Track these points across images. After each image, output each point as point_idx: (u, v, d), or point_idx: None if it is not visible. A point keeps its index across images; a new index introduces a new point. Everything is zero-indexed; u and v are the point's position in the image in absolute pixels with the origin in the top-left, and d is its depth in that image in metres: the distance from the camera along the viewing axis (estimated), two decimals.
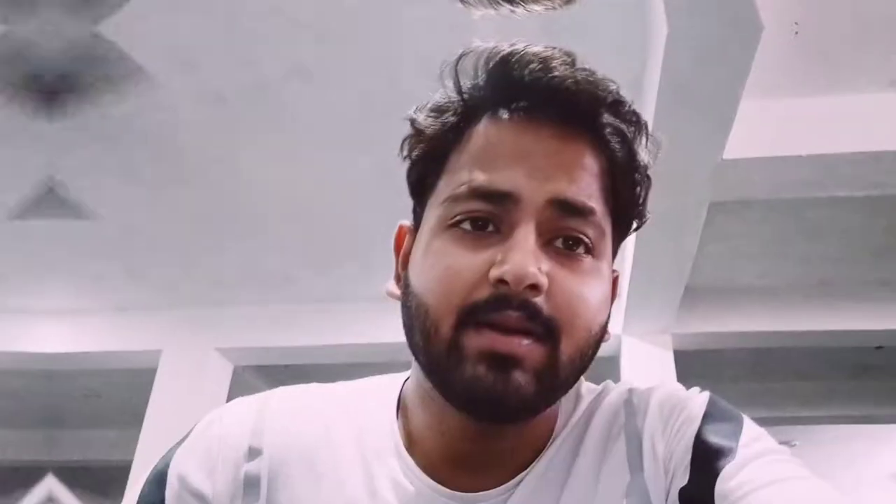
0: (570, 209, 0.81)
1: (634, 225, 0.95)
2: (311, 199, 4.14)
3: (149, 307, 5.68)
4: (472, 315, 0.77)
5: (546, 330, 0.77)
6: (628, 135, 0.86)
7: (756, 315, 4.94)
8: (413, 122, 0.91)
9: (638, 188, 0.90)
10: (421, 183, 0.92)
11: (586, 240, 0.82)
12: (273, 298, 5.44)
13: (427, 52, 0.79)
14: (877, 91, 3.19)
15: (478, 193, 0.81)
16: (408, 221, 0.97)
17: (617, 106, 0.85)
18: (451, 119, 0.89)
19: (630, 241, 3.81)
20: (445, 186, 0.86)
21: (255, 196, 4.11)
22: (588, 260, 0.83)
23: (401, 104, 0.92)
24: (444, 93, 0.89)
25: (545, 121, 0.84)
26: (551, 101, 0.83)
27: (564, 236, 0.82)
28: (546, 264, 0.78)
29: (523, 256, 0.76)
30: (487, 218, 0.81)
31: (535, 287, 0.76)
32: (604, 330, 0.87)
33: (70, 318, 5.76)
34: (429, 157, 0.91)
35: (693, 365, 5.43)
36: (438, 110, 0.89)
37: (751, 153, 3.10)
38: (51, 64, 3.10)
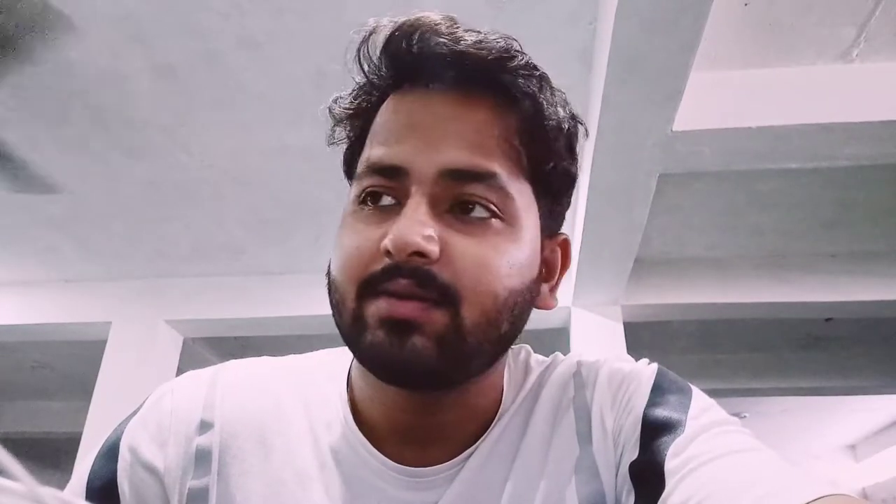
0: (465, 176, 0.81)
1: (566, 184, 0.94)
2: (261, 171, 4.10)
3: (98, 279, 5.63)
4: (371, 286, 0.78)
5: (442, 296, 0.77)
6: (528, 89, 0.84)
7: (706, 287, 4.97)
8: (330, 111, 0.93)
9: (554, 141, 0.88)
10: (350, 167, 0.95)
11: (489, 203, 0.82)
12: (223, 270, 5.41)
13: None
14: (827, 63, 3.20)
15: (373, 169, 0.83)
16: None
17: (508, 62, 0.83)
18: (364, 102, 0.91)
19: (580, 214, 3.82)
20: (358, 167, 0.88)
21: (205, 167, 4.06)
22: (494, 223, 0.82)
23: (351, 75, 0.92)
24: (354, 79, 0.91)
25: (441, 90, 0.84)
26: (440, 68, 0.83)
27: (462, 202, 0.81)
28: (440, 231, 0.78)
29: (407, 226, 0.76)
30: (382, 192, 0.82)
31: (421, 255, 0.76)
32: (526, 294, 0.86)
33: (18, 290, 5.71)
34: (351, 142, 0.94)
35: (643, 336, 5.49)
36: (353, 96, 0.92)
37: (700, 125, 3.10)
38: None
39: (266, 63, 3.23)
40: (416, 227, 0.76)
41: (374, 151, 0.84)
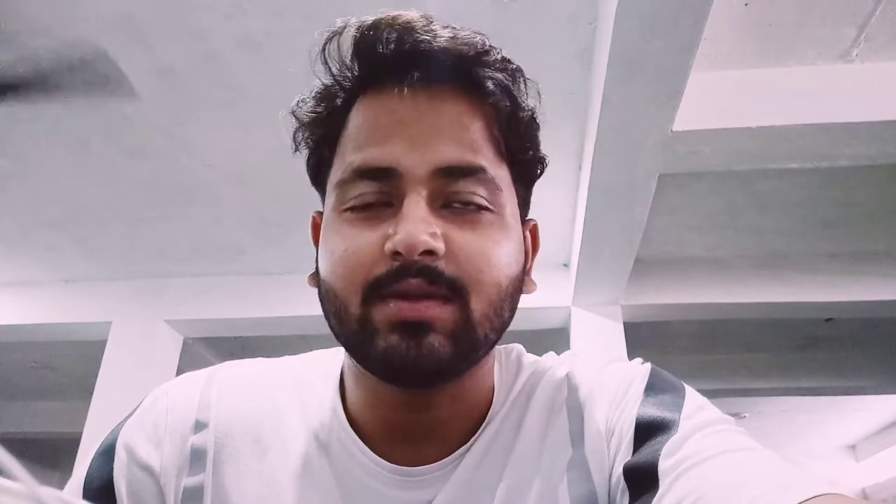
0: (457, 172, 0.81)
1: (538, 170, 0.96)
2: (260, 171, 4.11)
3: (98, 279, 5.64)
4: (377, 289, 0.78)
5: (451, 291, 0.78)
6: (503, 82, 0.85)
7: (705, 287, 4.98)
8: (294, 114, 0.92)
9: (528, 132, 0.90)
10: (318, 172, 0.94)
11: (480, 197, 0.83)
12: (223, 270, 5.43)
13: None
14: (827, 63, 3.21)
15: (361, 173, 0.82)
16: (316, 211, 0.98)
17: (484, 57, 0.85)
18: (332, 105, 0.89)
19: (580, 214, 3.82)
20: (336, 171, 0.87)
21: (205, 167, 4.07)
22: (487, 215, 0.83)
23: (317, 77, 0.91)
24: (320, 80, 0.89)
25: (417, 87, 0.84)
26: (417, 66, 0.83)
27: (455, 198, 0.82)
28: (440, 227, 0.79)
29: (413, 225, 0.76)
30: (376, 195, 0.82)
31: (430, 252, 0.76)
32: (519, 282, 0.87)
33: (19, 290, 5.73)
34: (319, 146, 0.92)
35: (642, 336, 5.49)
36: (318, 98, 0.90)
37: (700, 125, 3.11)
38: None
39: (266, 63, 3.23)
40: (422, 225, 0.76)
41: (359, 155, 0.83)
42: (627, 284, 4.63)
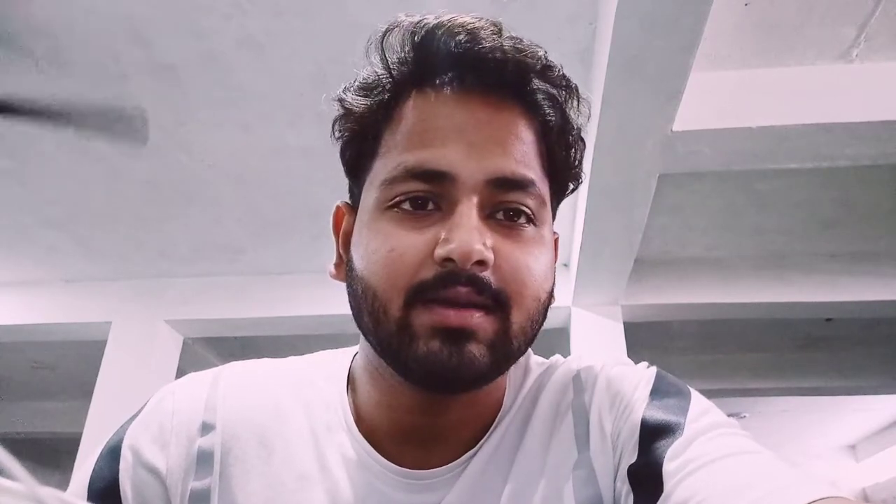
0: (509, 184, 0.80)
1: (571, 187, 0.95)
2: (261, 171, 4.11)
3: (98, 279, 5.65)
4: (421, 294, 0.77)
5: (495, 302, 0.77)
6: (559, 99, 0.85)
7: (705, 287, 4.98)
8: (342, 101, 0.89)
9: (573, 151, 0.90)
10: (356, 163, 0.92)
11: (528, 210, 0.82)
12: (223, 270, 5.43)
13: (378, 24, 0.77)
14: (827, 63, 3.21)
15: (414, 174, 0.81)
16: (342, 202, 0.96)
17: (546, 71, 0.84)
18: (381, 97, 0.87)
19: (580, 214, 3.82)
20: (382, 167, 0.85)
21: (206, 168, 4.07)
22: (530, 229, 0.82)
23: (351, 76, 0.90)
24: (371, 70, 0.87)
25: (475, 92, 0.83)
26: (480, 71, 0.82)
27: (505, 209, 0.81)
28: (490, 238, 0.78)
29: (468, 234, 0.75)
30: (426, 197, 0.81)
31: (481, 263, 0.75)
32: (550, 295, 0.87)
33: (19, 290, 5.74)
34: (361, 138, 0.89)
35: (643, 336, 5.49)
36: (367, 88, 0.88)
37: (701, 125, 3.11)
38: None
39: (266, 63, 3.23)
40: (476, 235, 0.76)
41: (412, 155, 0.82)
42: (627, 284, 4.64)
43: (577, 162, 0.91)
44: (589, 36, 3.02)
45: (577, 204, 4.07)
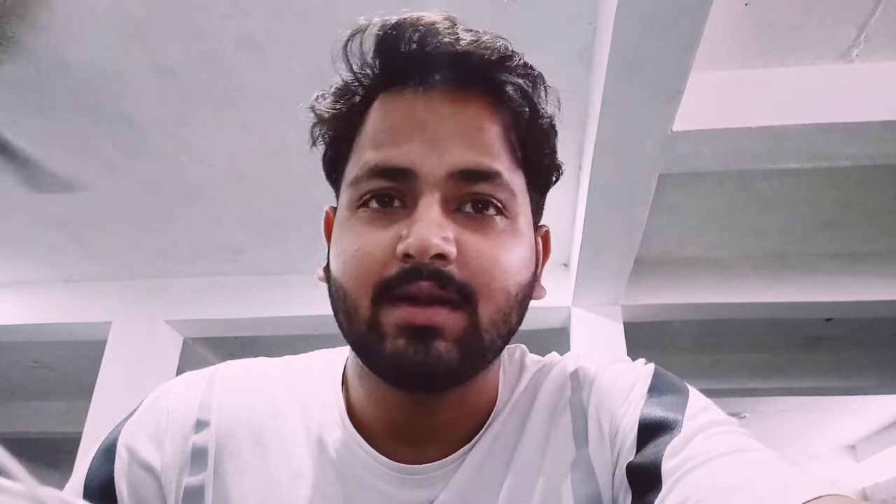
0: (473, 176, 0.81)
1: (553, 178, 0.96)
2: (260, 172, 4.11)
3: (98, 279, 5.64)
4: (387, 291, 0.78)
5: (461, 296, 0.78)
6: (524, 88, 0.86)
7: (705, 287, 4.98)
8: (313, 109, 0.91)
9: (545, 139, 0.90)
10: (333, 168, 0.94)
11: (495, 202, 0.82)
12: (223, 270, 5.43)
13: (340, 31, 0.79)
14: (827, 63, 3.20)
15: (377, 172, 0.82)
16: (330, 206, 1.00)
17: (506, 62, 0.84)
18: (351, 101, 0.89)
19: (580, 213, 3.82)
20: (352, 168, 0.87)
21: (205, 168, 4.06)
22: (500, 220, 0.83)
23: (338, 74, 0.91)
24: (339, 78, 0.89)
25: (438, 89, 0.84)
26: (439, 67, 0.83)
27: (473, 201, 0.82)
28: (454, 231, 0.78)
29: (427, 228, 0.76)
30: (392, 194, 0.82)
31: (441, 256, 0.76)
32: (529, 288, 0.87)
33: (18, 290, 5.72)
34: (336, 142, 0.92)
35: (643, 336, 5.49)
36: (337, 94, 0.89)
37: (700, 125, 3.11)
38: None
39: (266, 63, 3.23)
40: (435, 228, 0.76)
41: (375, 153, 0.83)
42: (627, 284, 4.63)
43: (550, 151, 0.92)
44: (589, 36, 3.02)
45: (577, 204, 4.07)
